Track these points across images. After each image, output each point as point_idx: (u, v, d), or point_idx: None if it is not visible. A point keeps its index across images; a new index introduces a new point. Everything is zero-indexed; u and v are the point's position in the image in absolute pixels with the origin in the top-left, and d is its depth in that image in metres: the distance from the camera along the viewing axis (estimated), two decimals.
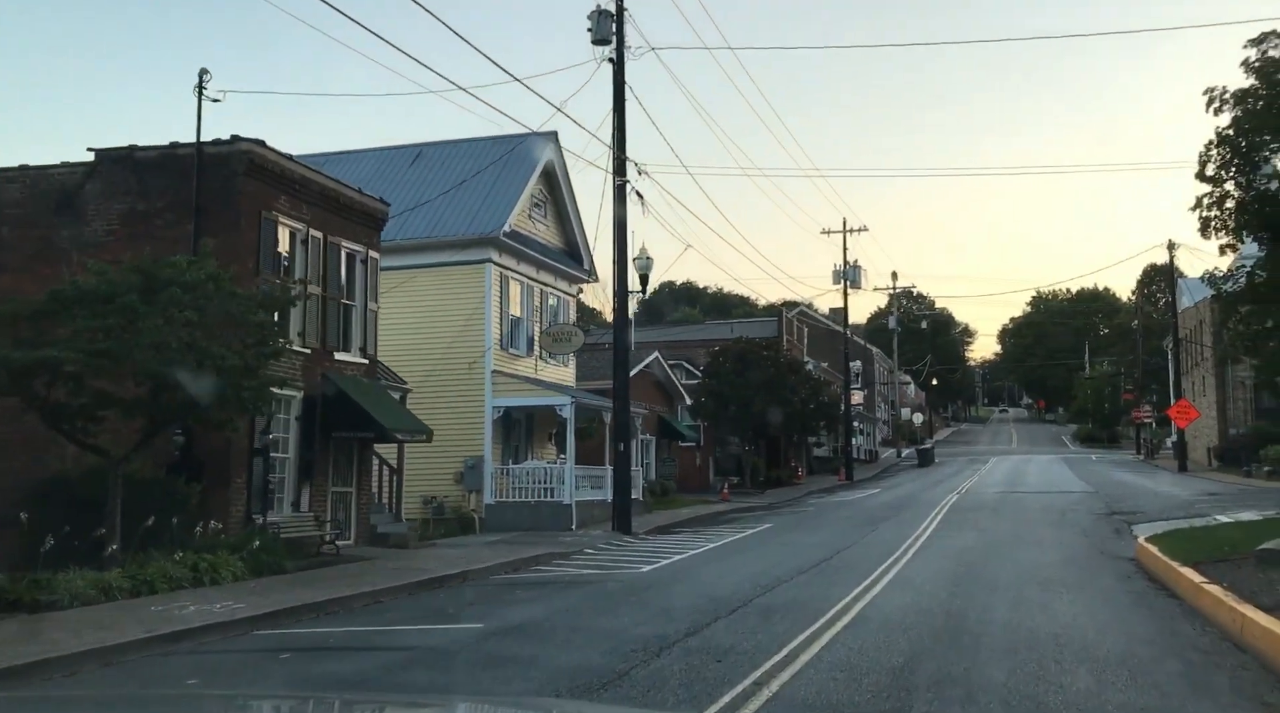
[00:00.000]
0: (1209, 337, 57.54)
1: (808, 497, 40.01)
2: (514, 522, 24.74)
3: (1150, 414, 73.11)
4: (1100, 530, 22.45)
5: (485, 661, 9.38)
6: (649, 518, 28.01)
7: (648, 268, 25.10)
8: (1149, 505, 27.95)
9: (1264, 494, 30.92)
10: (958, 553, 18.25)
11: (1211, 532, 17.02)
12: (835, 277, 56.44)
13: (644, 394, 35.55)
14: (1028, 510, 27.79)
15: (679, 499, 35.31)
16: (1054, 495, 33.54)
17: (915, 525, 23.78)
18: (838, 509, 31.43)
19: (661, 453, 36.78)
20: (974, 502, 31.68)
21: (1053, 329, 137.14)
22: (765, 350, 44.21)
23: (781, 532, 24.05)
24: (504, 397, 25.76)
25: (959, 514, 27.04)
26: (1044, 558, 17.32)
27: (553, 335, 27.66)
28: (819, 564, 16.71)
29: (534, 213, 28.31)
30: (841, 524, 25.40)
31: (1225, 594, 10.80)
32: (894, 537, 21.17)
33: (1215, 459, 54.83)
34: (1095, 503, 29.78)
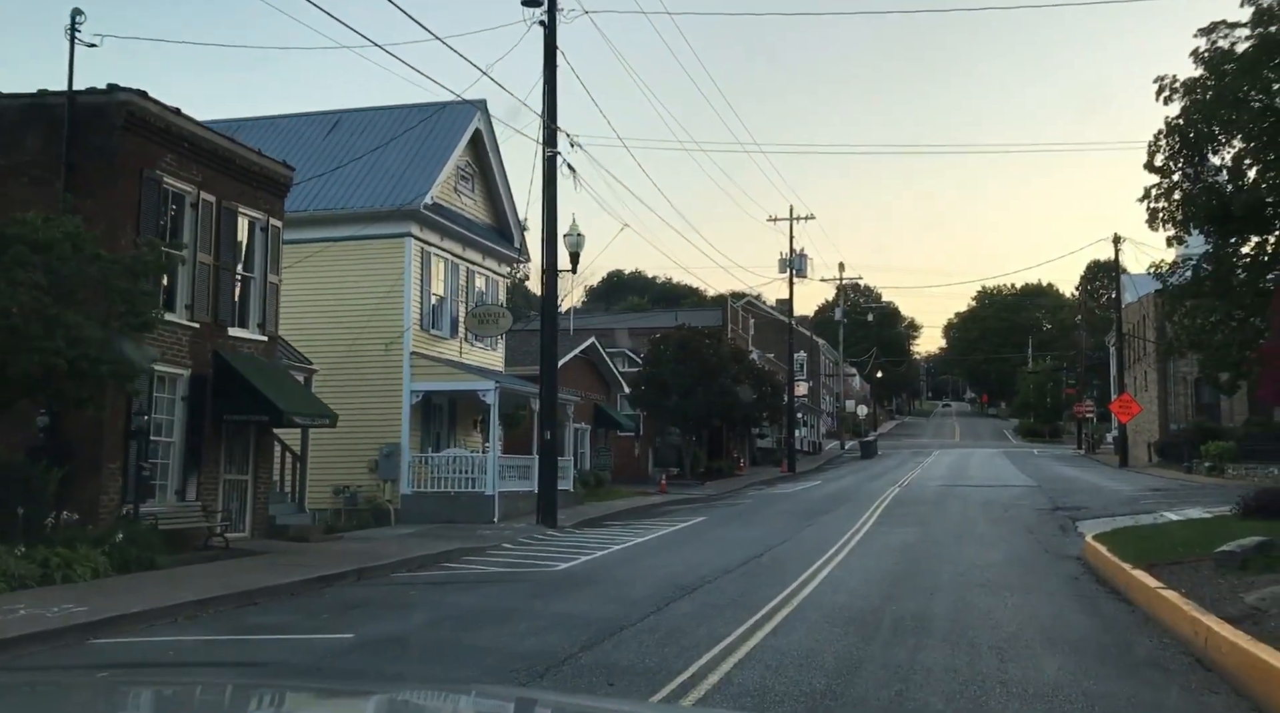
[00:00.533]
0: (1152, 332, 57.56)
1: (747, 489, 38.93)
2: (432, 514, 23.23)
3: (1092, 409, 73.38)
4: (1045, 527, 21.54)
5: (337, 681, 7.93)
6: (579, 510, 26.66)
7: (579, 246, 23.69)
8: (1093, 501, 27.21)
9: (1207, 491, 30.37)
10: (896, 551, 17.14)
11: (1162, 530, 16.07)
12: (782, 266, 55.49)
13: (579, 381, 34.16)
14: (970, 505, 26.90)
15: (615, 491, 34.00)
16: (997, 490, 32.79)
17: (853, 520, 22.70)
18: (776, 502, 30.33)
19: (597, 443, 35.45)
20: (915, 495, 30.77)
21: (997, 324, 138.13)
22: (707, 339, 43.00)
23: (714, 526, 22.83)
24: (424, 381, 24.21)
25: (899, 508, 26.05)
26: (987, 557, 16.26)
27: (478, 316, 26.14)
28: (748, 563, 15.48)
29: (460, 186, 26.72)
30: (778, 518, 24.27)
31: (1185, 602, 9.71)
32: (831, 532, 20.04)
33: (1156, 455, 54.83)
34: (1039, 498, 29.00)
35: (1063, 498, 28.59)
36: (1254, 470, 36.34)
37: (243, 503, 18.71)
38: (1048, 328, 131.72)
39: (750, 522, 23.47)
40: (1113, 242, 55.45)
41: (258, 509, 19.00)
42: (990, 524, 22.05)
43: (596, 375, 35.55)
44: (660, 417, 43.10)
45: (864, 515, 23.83)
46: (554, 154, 22.76)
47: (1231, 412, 54.82)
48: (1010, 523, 22.28)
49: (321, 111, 27.94)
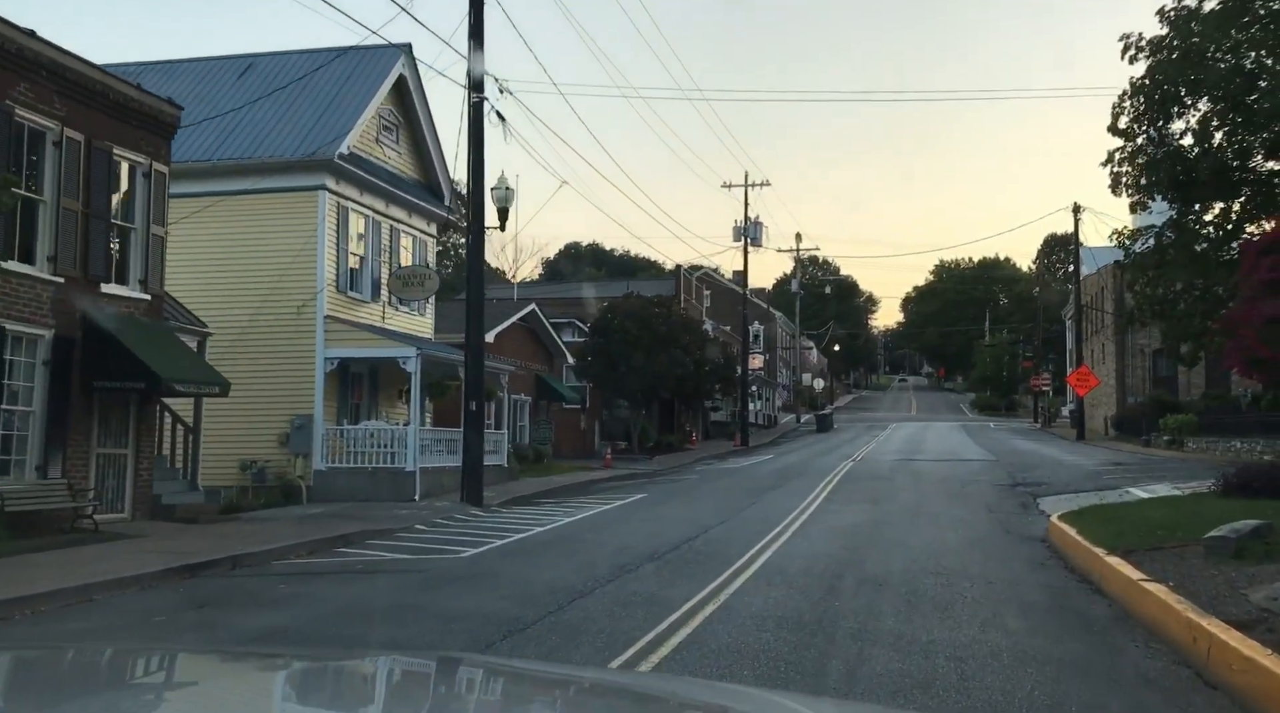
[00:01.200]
0: (1110, 303, 56.72)
1: (697, 464, 37.40)
2: (348, 491, 21.37)
3: (1048, 382, 72.77)
4: (1005, 505, 20.14)
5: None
6: (511, 487, 24.92)
7: (507, 200, 21.78)
8: (1054, 476, 25.93)
9: (1170, 465, 29.30)
10: (844, 532, 15.58)
11: (1134, 510, 14.62)
12: (736, 234, 53.79)
13: (518, 350, 32.33)
14: (925, 481, 25.52)
15: (556, 466, 32.29)
16: (953, 464, 31.50)
17: (802, 497, 21.17)
18: (723, 477, 28.79)
19: (539, 415, 33.69)
20: (869, 471, 29.37)
21: (955, 297, 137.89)
22: (657, 308, 41.29)
23: (653, 504, 21.19)
24: (340, 347, 22.25)
25: (851, 484, 24.59)
26: (943, 539, 14.75)
27: (402, 278, 24.16)
28: (680, 546, 13.83)
29: (383, 137, 24.65)
30: (722, 495, 22.70)
31: (1177, 600, 8.17)
32: (776, 511, 18.48)
33: (1112, 428, 54.13)
34: (997, 473, 27.71)
35: (1022, 473, 27.31)
36: (1215, 445, 35.42)
37: (121, 481, 16.74)
38: (1005, 302, 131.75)
39: (692, 499, 21.86)
40: (1072, 211, 54.34)
41: (139, 487, 17.03)
42: (947, 502, 20.62)
43: (538, 345, 33.74)
44: (607, 389, 41.43)
45: (813, 492, 22.31)
46: (480, 100, 20.80)
47: (1189, 385, 54.25)
48: (968, 500, 20.87)
49: (232, 55, 25.68)
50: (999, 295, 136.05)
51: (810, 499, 20.76)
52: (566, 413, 41.29)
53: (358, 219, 23.70)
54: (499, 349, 30.36)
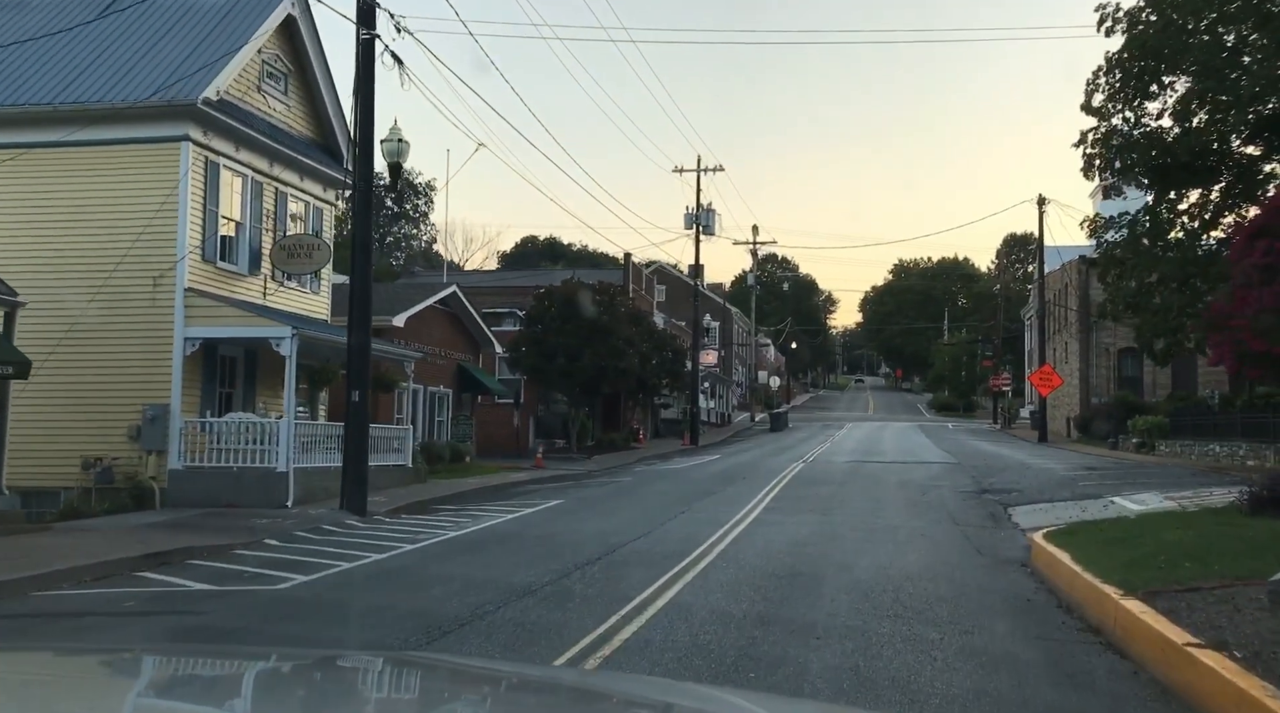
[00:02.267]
0: (1074, 300, 54.61)
1: (637, 464, 34.45)
2: (208, 495, 18.14)
3: (1009, 381, 70.76)
4: (972, 516, 17.38)
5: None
6: (412, 491, 21.80)
7: (400, 154, 18.65)
8: (1023, 481, 23.27)
9: (1148, 471, 26.81)
10: (782, 553, 12.68)
11: (1139, 530, 11.82)
12: (688, 221, 50.92)
13: (437, 337, 29.16)
14: (882, 486, 22.75)
15: (476, 467, 29.17)
16: (912, 467, 28.80)
17: (741, 506, 18.29)
18: (660, 480, 25.86)
19: (462, 410, 30.56)
20: (820, 473, 26.58)
21: (913, 297, 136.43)
22: (599, 295, 38.25)
23: (568, 512, 18.20)
24: (204, 326, 18.99)
25: (799, 489, 21.75)
26: (902, 563, 11.90)
27: (286, 249, 20.92)
28: (569, 575, 10.85)
29: (268, 86, 21.38)
30: (652, 500, 19.76)
31: (1264, 691, 5.31)
32: (705, 523, 15.56)
33: (1076, 430, 52.04)
34: (960, 477, 25.02)
35: (988, 477, 24.65)
36: (1189, 448, 33.07)
37: None
38: (964, 303, 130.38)
39: (614, 507, 18.87)
40: (1036, 203, 52.15)
41: None
42: (906, 511, 17.83)
43: (461, 332, 30.58)
44: (543, 382, 38.35)
45: (754, 499, 19.43)
46: (372, 37, 17.67)
47: (1155, 386, 52.27)
48: (930, 510, 18.09)
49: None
50: (958, 295, 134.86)
51: (749, 508, 17.87)
52: (497, 409, 38.18)
53: (233, 179, 20.43)
54: (413, 335, 27.21)
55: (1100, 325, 54.06)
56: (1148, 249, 33.85)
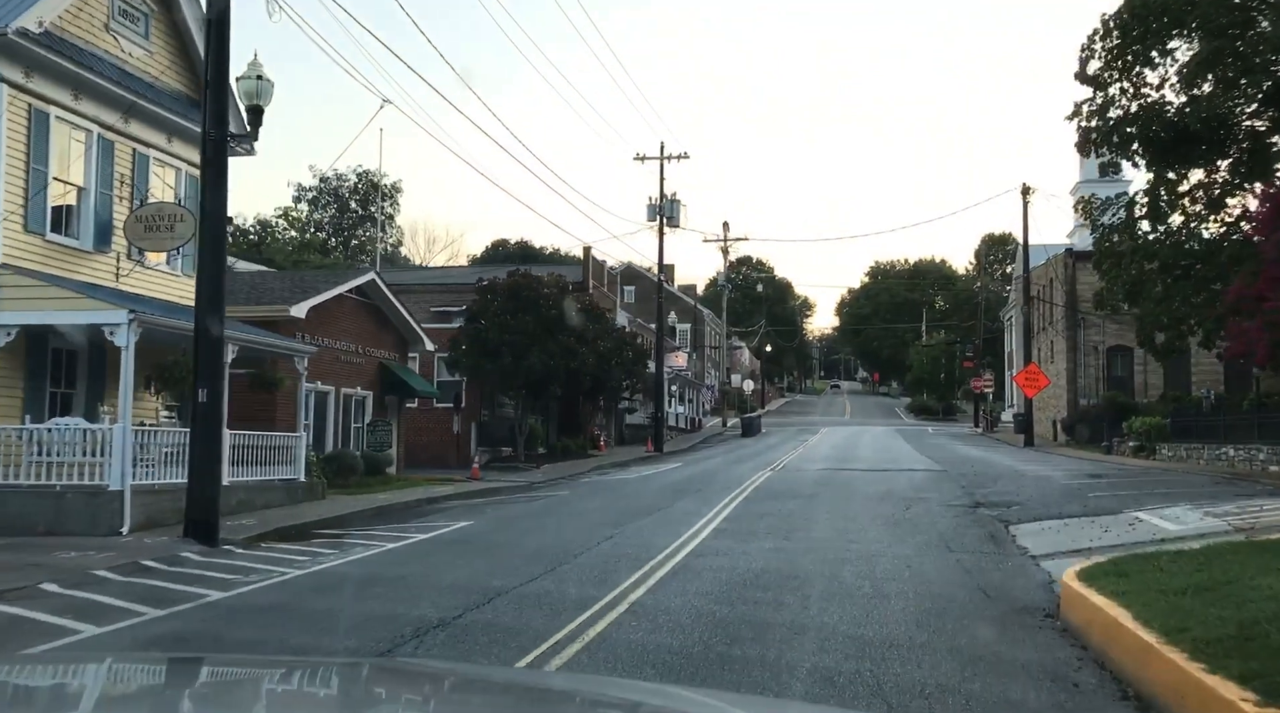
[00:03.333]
0: (1061, 295, 51.62)
1: (589, 473, 30.98)
2: (22, 519, 14.55)
3: (990, 383, 67.79)
4: (968, 538, 14.05)
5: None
6: (299, 511, 18.26)
7: (261, 95, 15.12)
8: (1023, 493, 19.94)
9: (1162, 479, 23.59)
10: (717, 604, 9.23)
11: (1209, 567, 8.39)
12: (651, 212, 47.56)
13: (352, 331, 25.59)
14: (858, 499, 19.37)
15: (398, 479, 25.61)
16: (893, 475, 25.47)
17: (684, 527, 14.89)
18: (602, 493, 22.39)
19: (386, 414, 26.96)
20: (788, 483, 23.19)
21: (889, 299, 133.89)
22: (548, 288, 34.77)
23: (474, 538, 14.74)
24: (24, 310, 15.37)
25: (760, 505, 18.34)
26: (882, 619, 8.51)
27: (143, 220, 17.31)
28: (423, 635, 7.39)
29: (120, 25, 17.78)
30: (578, 522, 16.30)
31: None
32: (631, 555, 12.15)
33: (1063, 433, 49.02)
34: (948, 488, 21.68)
35: (980, 487, 21.32)
36: (1197, 452, 29.90)
37: None
38: (941, 306, 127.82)
39: (525, 531, 15.38)
40: (1021, 192, 49.06)
41: None
42: (886, 533, 14.46)
43: (386, 328, 27.02)
44: (486, 383, 34.81)
45: (703, 519, 16.02)
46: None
47: (1146, 386, 49.33)
48: (915, 530, 14.74)
49: None
50: (935, 298, 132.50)
51: (693, 533, 14.44)
52: (435, 414, 34.60)
53: (71, 134, 16.83)
54: (320, 328, 23.65)
55: (1088, 322, 51.10)
56: (1146, 235, 30.88)
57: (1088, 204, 31.21)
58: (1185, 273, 29.98)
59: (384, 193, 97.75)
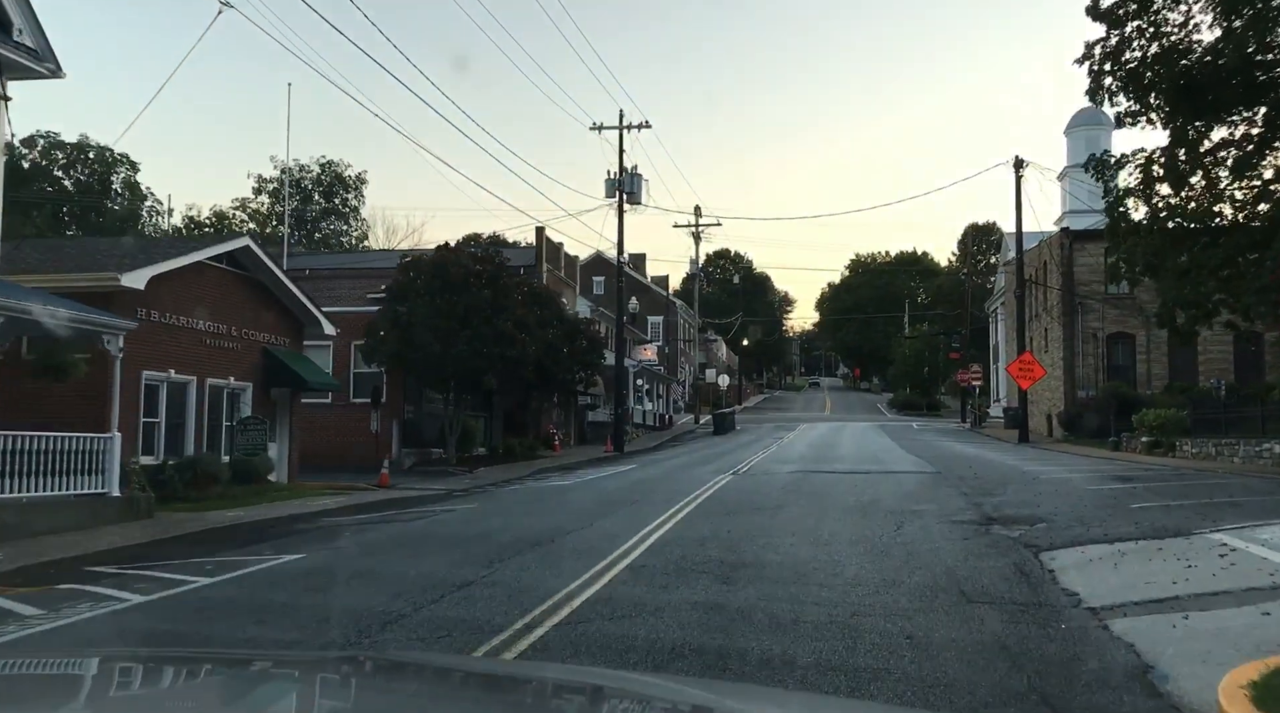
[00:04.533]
0: (1057, 278, 47.52)
1: (527, 478, 26.59)
2: None
3: (979, 376, 63.69)
4: (988, 576, 9.74)
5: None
6: (97, 535, 13.79)
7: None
8: (1044, 503, 15.62)
9: (1211, 480, 19.37)
10: None
11: None
12: (609, 188, 43.12)
13: (221, 310, 21.02)
14: (834, 512, 15.02)
15: (274, 489, 21.11)
16: (878, 479, 21.16)
17: (597, 557, 10.59)
18: (518, 508, 17.95)
19: (269, 410, 22.34)
20: (749, 491, 18.82)
21: (870, 293, 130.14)
22: (480, 265, 30.26)
23: (272, 584, 10.32)
24: None
25: (705, 524, 13.95)
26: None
27: None
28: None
29: None
30: (453, 554, 11.87)
31: None
32: (489, 612, 7.85)
33: (1061, 427, 44.96)
34: (947, 495, 17.36)
35: (988, 496, 17.02)
36: (1230, 448, 25.65)
37: None
38: (923, 299, 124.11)
39: (365, 574, 10.92)
40: (1013, 166, 45.03)
41: None
42: (871, 570, 10.14)
43: (269, 306, 22.38)
44: (412, 375, 30.32)
45: (624, 546, 11.65)
46: None
47: (1149, 376, 45.39)
48: (913, 564, 10.43)
49: None
50: (917, 291, 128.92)
51: (601, 568, 10.08)
52: (351, 411, 30.11)
53: None
54: (172, 305, 19.15)
55: (1087, 307, 47.02)
56: (1167, 199, 26.76)
57: (1100, 163, 26.99)
58: (1214, 241, 25.88)
59: (348, 184, 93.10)
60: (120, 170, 73.85)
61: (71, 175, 71.83)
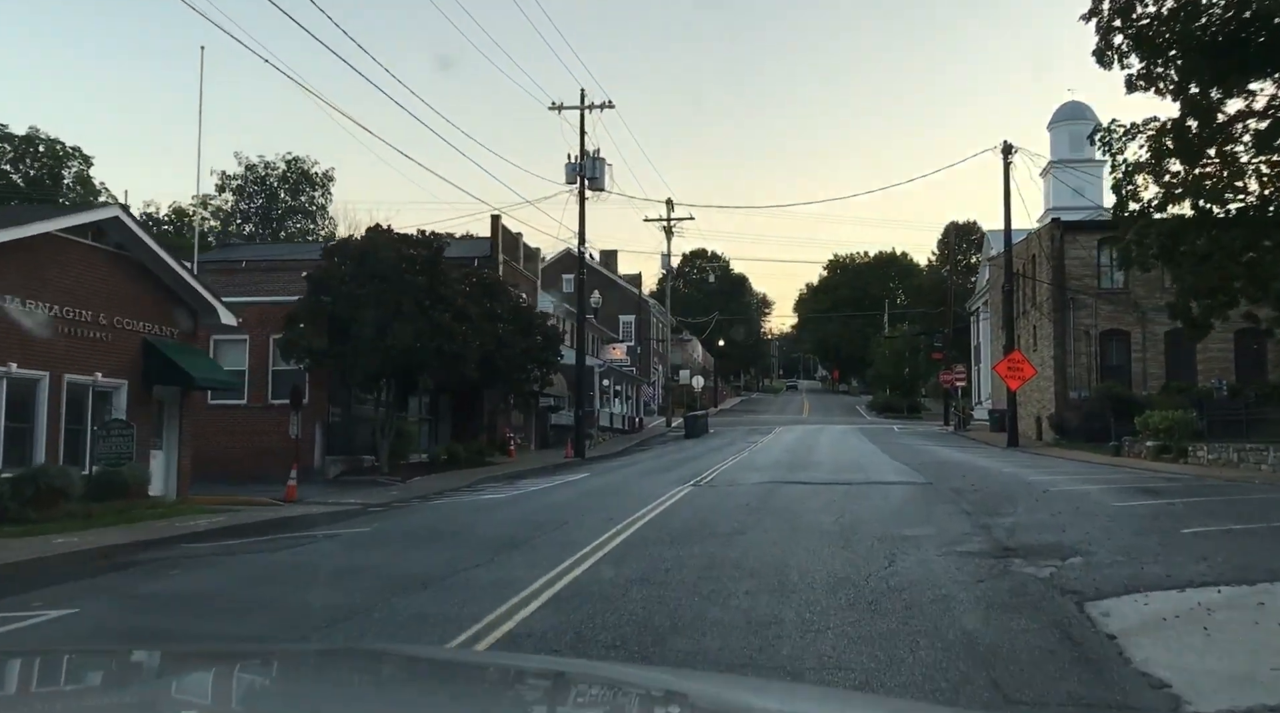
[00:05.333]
0: (1046, 271, 44.68)
1: (460, 491, 23.41)
2: None
3: (963, 376, 60.88)
4: (1027, 651, 6.63)
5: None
6: None
7: None
8: (1067, 525, 12.52)
9: (1252, 495, 16.39)
10: None
11: None
12: (569, 173, 39.96)
13: (84, 292, 17.67)
14: (807, 539, 11.88)
15: (145, 505, 17.75)
16: (860, 492, 18.06)
17: (475, 616, 7.40)
18: (414, 535, 14.68)
19: (151, 410, 18.93)
20: (710, 507, 15.65)
21: (849, 293, 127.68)
22: (415, 249, 26.97)
23: (13, 658, 7.05)
24: None
25: (650, 553, 10.78)
26: None
27: None
28: None
29: None
30: (301, 598, 8.71)
31: None
32: None
33: (1052, 431, 42.15)
34: (945, 514, 14.26)
35: (995, 516, 13.91)
36: (1256, 454, 22.70)
37: None
38: (902, 302, 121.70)
39: (146, 635, 7.71)
40: (1002, 152, 42.21)
41: None
42: (857, 643, 7.02)
43: (150, 290, 18.87)
44: (338, 372, 26.99)
45: (516, 597, 8.48)
46: None
47: (1145, 376, 42.64)
48: (914, 628, 7.33)
49: None
50: (896, 291, 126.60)
51: (475, 631, 6.89)
52: (271, 414, 26.79)
53: None
54: (19, 286, 15.81)
55: (1079, 303, 44.18)
56: (1181, 174, 23.93)
57: (1107, 133, 24.09)
58: (1235, 222, 23.04)
59: (315, 181, 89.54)
60: (72, 164, 70.37)
61: (20, 169, 68.22)
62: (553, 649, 6.75)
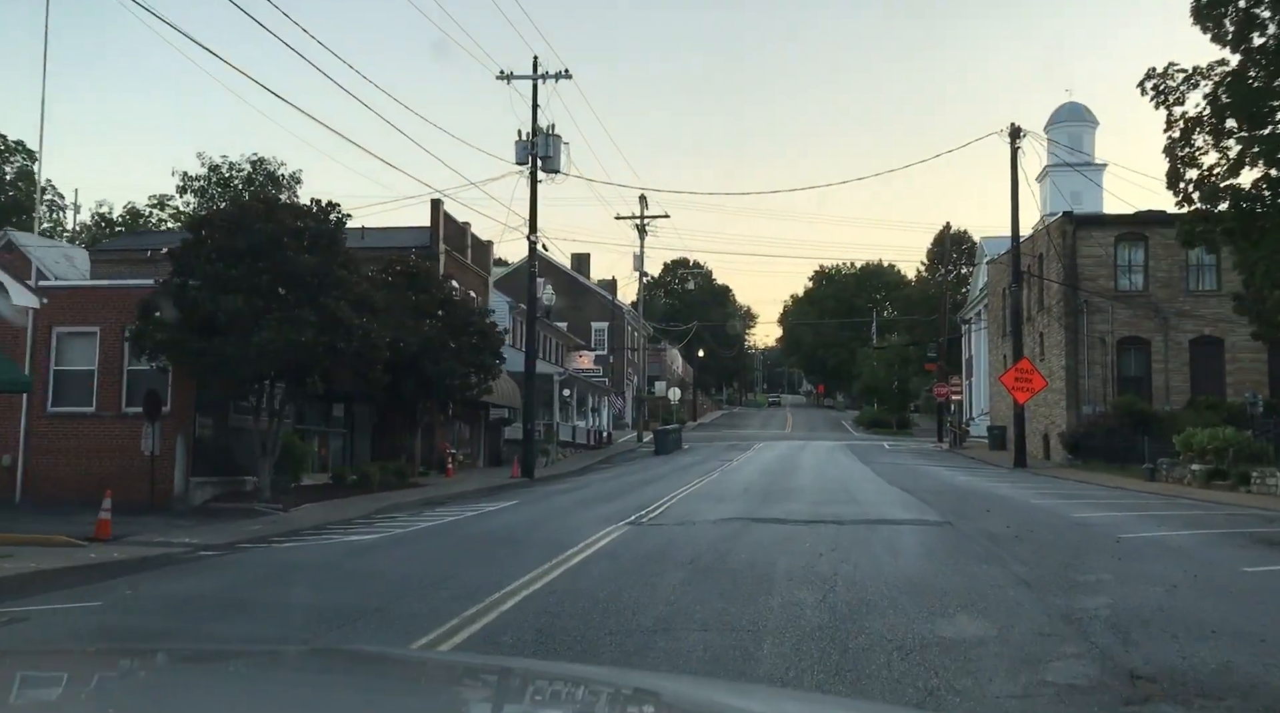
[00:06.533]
0: (1056, 270, 39.87)
1: (351, 524, 18.32)
2: None
3: (959, 389, 56.04)
4: None
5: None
6: None
7: None
8: (1200, 610, 7.52)
9: None
10: None
11: None
12: (520, 151, 34.90)
13: None
14: (777, 640, 6.86)
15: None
16: (856, 536, 12.98)
17: None
18: (220, 593, 9.64)
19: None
20: (636, 568, 10.54)
21: (834, 305, 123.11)
22: (302, 221, 21.81)
23: None
24: None
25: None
26: None
27: None
28: None
29: None
30: None
31: None
32: None
33: (1065, 449, 37.28)
34: (993, 583, 9.20)
35: (1071, 592, 8.83)
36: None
37: None
38: (889, 314, 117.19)
39: None
40: (1009, 135, 37.52)
41: None
42: None
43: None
44: (211, 370, 21.74)
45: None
46: None
47: (1167, 389, 37.89)
48: None
49: None
50: (883, 303, 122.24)
51: None
52: (120, 424, 21.60)
53: None
54: None
55: (1093, 307, 39.39)
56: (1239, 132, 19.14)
57: (1162, 79, 19.29)
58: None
59: (281, 183, 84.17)
60: (15, 160, 65.16)
61: None
62: None
